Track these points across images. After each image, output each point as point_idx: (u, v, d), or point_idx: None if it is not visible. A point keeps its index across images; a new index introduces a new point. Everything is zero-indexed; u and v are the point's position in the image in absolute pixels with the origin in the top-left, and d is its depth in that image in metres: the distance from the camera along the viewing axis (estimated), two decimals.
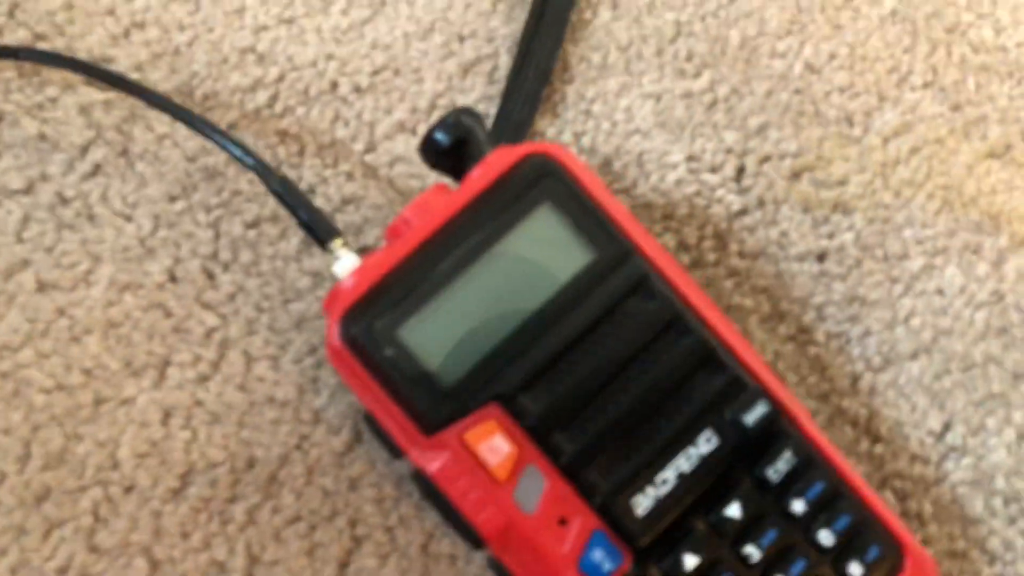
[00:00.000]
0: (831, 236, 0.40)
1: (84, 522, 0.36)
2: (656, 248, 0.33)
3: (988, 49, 0.43)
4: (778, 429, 0.32)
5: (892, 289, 0.40)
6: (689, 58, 0.42)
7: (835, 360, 0.39)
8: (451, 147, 0.34)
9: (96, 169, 0.39)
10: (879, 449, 0.38)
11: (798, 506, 0.32)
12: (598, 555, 0.31)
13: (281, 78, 0.40)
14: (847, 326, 0.39)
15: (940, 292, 0.40)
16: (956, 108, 0.42)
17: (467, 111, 0.35)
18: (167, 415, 0.37)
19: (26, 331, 0.37)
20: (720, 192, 0.40)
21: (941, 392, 0.39)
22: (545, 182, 0.32)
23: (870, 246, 0.40)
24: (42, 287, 0.38)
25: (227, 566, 0.36)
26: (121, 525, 0.36)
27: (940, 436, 0.38)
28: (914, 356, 0.39)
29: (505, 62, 0.41)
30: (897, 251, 0.40)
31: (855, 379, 0.39)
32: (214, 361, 0.37)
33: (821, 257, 0.40)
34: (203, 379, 0.37)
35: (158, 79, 0.39)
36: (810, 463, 0.32)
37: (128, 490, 0.36)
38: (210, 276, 0.38)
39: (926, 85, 0.42)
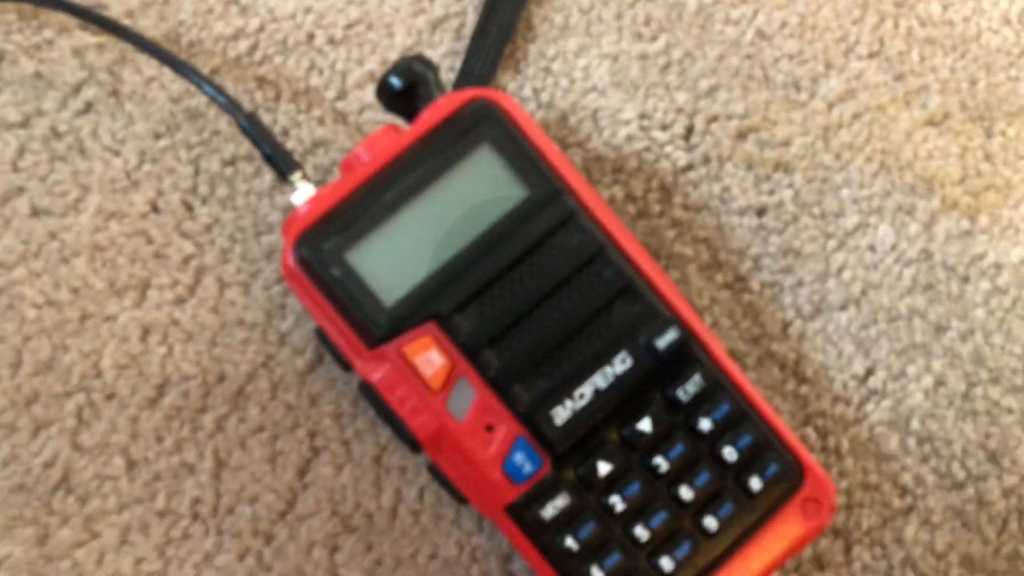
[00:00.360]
0: (771, 193, 0.41)
1: (69, 423, 0.38)
2: (586, 188, 0.34)
3: (935, 23, 0.43)
4: (689, 354, 0.34)
5: (826, 244, 0.40)
6: (647, 22, 0.42)
7: (768, 307, 0.40)
8: (404, 91, 0.36)
9: (88, 107, 0.40)
10: (804, 390, 0.39)
11: (705, 424, 0.33)
12: (520, 458, 0.33)
13: (262, 28, 0.41)
14: (781, 276, 0.40)
15: (872, 248, 0.40)
16: (899, 78, 0.42)
17: (420, 59, 0.36)
18: (146, 332, 0.38)
19: (20, 252, 0.39)
20: (668, 148, 0.41)
21: (867, 340, 0.40)
22: (486, 125, 0.34)
23: (808, 204, 0.41)
24: (35, 212, 0.39)
25: (196, 468, 0.38)
26: (102, 428, 0.38)
27: (863, 380, 0.39)
28: (843, 307, 0.40)
29: (472, 20, 0.42)
30: (833, 209, 0.41)
31: (786, 325, 0.40)
32: (190, 285, 0.39)
33: (760, 212, 0.41)
34: (180, 301, 0.39)
35: (147, 25, 0.41)
36: (718, 387, 0.34)
37: (109, 397, 0.38)
38: (189, 208, 0.39)
39: (872, 55, 0.43)
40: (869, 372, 0.39)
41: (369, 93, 0.41)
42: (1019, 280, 0.41)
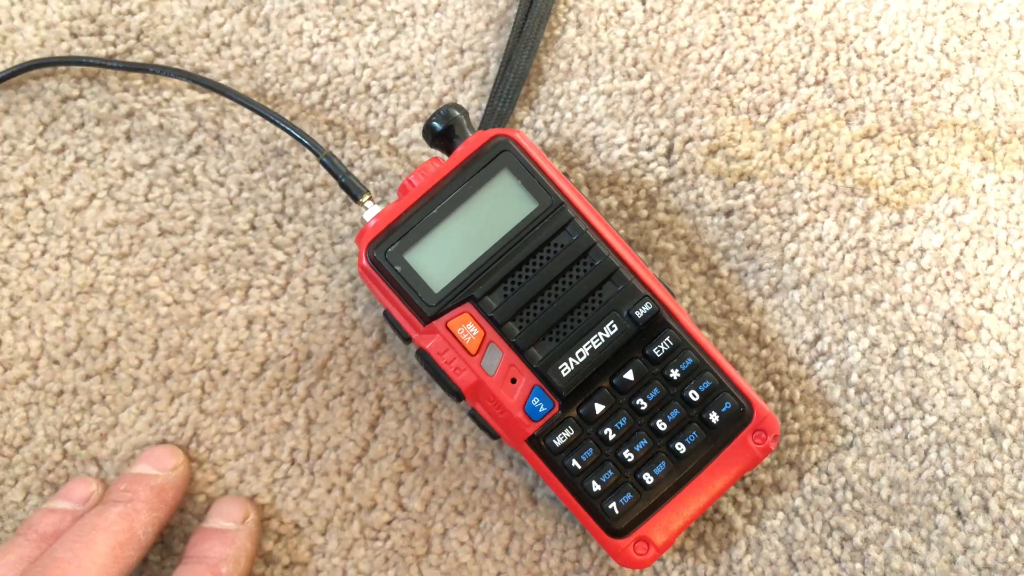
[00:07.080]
0: (737, 197, 0.44)
1: (195, 393, 0.42)
2: (581, 200, 0.38)
3: (870, 55, 0.46)
4: (661, 322, 0.38)
5: (782, 237, 0.44)
6: (634, 64, 0.45)
7: (735, 289, 0.44)
8: (443, 131, 0.39)
9: (198, 149, 0.44)
10: (764, 353, 0.43)
11: (674, 373, 0.38)
12: (536, 402, 0.37)
13: (329, 82, 0.45)
14: (745, 264, 0.44)
15: (820, 239, 0.44)
16: (841, 100, 0.45)
17: (455, 106, 0.40)
18: (250, 322, 0.43)
19: (152, 263, 0.43)
20: (653, 165, 0.44)
21: (815, 313, 0.43)
22: (505, 155, 0.38)
23: (767, 205, 0.44)
24: (163, 232, 0.43)
25: (292, 424, 0.42)
26: (220, 396, 0.42)
27: (812, 344, 0.43)
28: (796, 286, 0.43)
29: (494, 69, 0.45)
30: (788, 208, 0.44)
31: (749, 302, 0.43)
32: (283, 285, 0.43)
33: (728, 213, 0.44)
34: (275, 297, 0.43)
35: (240, 83, 0.45)
36: (683, 345, 0.38)
37: (224, 372, 0.42)
38: (279, 225, 0.44)
39: (818, 83, 0.45)
40: (817, 338, 0.43)
41: (416, 131, 0.45)
42: (939, 261, 0.44)
